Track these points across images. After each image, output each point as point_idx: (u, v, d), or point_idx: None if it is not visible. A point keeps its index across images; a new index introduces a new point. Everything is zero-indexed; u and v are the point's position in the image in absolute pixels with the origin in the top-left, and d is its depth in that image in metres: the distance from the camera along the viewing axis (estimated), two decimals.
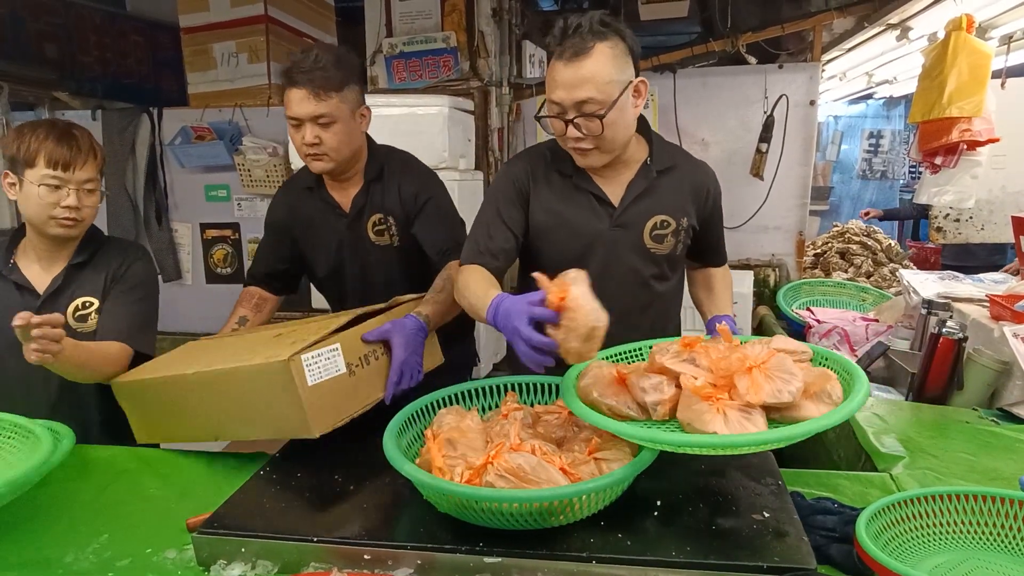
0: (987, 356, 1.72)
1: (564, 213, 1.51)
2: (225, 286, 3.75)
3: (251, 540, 1.04)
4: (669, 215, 1.50)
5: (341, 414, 1.27)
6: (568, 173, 1.51)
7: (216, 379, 1.29)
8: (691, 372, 1.09)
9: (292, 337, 1.33)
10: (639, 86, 1.39)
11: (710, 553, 0.95)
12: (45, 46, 3.53)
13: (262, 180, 3.43)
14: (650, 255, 1.51)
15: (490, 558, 0.97)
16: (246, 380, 1.25)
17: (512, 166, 1.59)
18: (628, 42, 1.36)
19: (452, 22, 3.19)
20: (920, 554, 0.99)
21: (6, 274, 1.59)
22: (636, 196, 1.49)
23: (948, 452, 1.42)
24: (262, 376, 1.22)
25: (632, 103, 1.39)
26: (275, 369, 1.19)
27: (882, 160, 5.53)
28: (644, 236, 1.49)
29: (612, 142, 1.40)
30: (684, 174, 1.54)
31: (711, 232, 1.64)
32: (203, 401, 1.32)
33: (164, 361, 1.51)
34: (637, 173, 1.50)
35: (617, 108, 1.34)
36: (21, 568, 1.07)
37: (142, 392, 1.44)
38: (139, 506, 1.20)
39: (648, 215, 1.49)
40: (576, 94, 1.32)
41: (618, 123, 1.37)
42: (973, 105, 2.41)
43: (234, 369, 1.26)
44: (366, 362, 1.34)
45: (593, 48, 1.31)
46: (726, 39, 3.20)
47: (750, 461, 1.23)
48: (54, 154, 1.49)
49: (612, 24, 1.35)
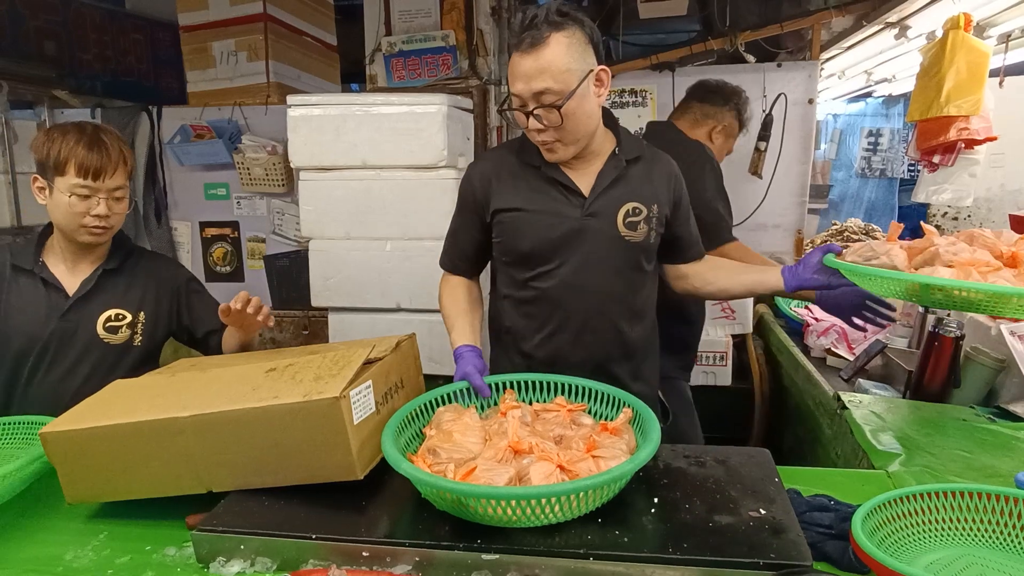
0: (984, 354, 1.73)
1: (535, 205, 1.51)
2: (224, 284, 3.75)
3: (250, 537, 1.05)
4: (640, 202, 1.51)
5: (376, 453, 1.19)
6: (537, 164, 1.51)
7: (225, 421, 1.14)
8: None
9: (296, 373, 1.23)
10: (600, 75, 1.38)
11: (707, 549, 0.96)
12: (44, 44, 3.53)
13: (261, 179, 3.43)
14: (624, 243, 1.51)
15: (488, 555, 0.98)
16: (277, 421, 1.12)
17: (471, 168, 1.60)
18: (587, 31, 1.36)
19: (451, 21, 3.19)
20: (915, 551, 0.99)
21: (37, 271, 1.59)
22: (607, 185, 1.49)
23: (945, 450, 1.43)
24: (302, 415, 1.11)
25: (594, 92, 1.38)
26: (322, 407, 1.09)
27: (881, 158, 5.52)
28: (618, 224, 1.49)
29: (574, 133, 1.40)
30: (651, 164, 1.56)
31: (689, 223, 1.64)
32: (193, 448, 1.15)
33: (103, 406, 1.28)
34: (606, 163, 1.50)
35: (576, 97, 1.34)
36: (21, 565, 1.08)
37: (94, 442, 1.18)
38: (138, 503, 1.20)
39: (620, 203, 1.50)
40: (533, 85, 1.33)
41: (578, 113, 1.37)
42: (971, 104, 2.40)
43: (260, 409, 1.12)
44: (386, 400, 1.28)
45: (549, 38, 1.31)
46: (725, 37, 3.20)
47: (748, 459, 1.23)
48: (85, 162, 1.48)
49: (570, 14, 1.35)
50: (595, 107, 1.41)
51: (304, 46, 3.72)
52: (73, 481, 1.21)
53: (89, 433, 1.18)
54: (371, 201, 2.49)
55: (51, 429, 1.19)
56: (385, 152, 2.46)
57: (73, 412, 1.26)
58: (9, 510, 1.22)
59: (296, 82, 3.60)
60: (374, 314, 2.57)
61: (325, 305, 2.61)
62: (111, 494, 1.22)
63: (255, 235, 3.69)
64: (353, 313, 2.60)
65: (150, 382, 1.40)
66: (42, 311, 1.56)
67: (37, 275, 1.59)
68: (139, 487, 1.20)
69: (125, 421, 1.17)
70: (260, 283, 3.52)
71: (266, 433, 1.13)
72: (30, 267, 1.59)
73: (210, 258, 3.75)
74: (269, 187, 3.45)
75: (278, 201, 3.57)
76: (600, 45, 1.40)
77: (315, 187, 2.54)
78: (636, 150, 1.54)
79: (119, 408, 1.24)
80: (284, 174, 3.38)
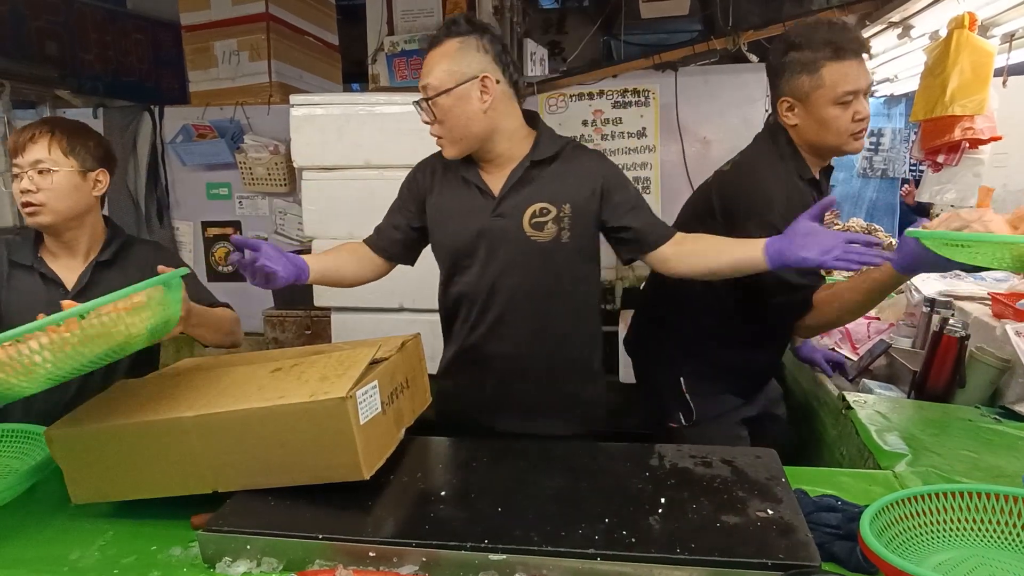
0: (989, 354, 1.73)
1: (453, 206, 1.59)
2: (226, 284, 3.75)
3: (256, 537, 1.04)
4: (548, 202, 1.53)
5: (382, 453, 1.20)
6: (458, 167, 1.58)
7: (231, 421, 1.14)
8: None
9: (301, 373, 1.23)
10: (485, 82, 1.44)
11: (715, 550, 0.95)
12: (46, 44, 3.53)
13: (263, 178, 3.43)
14: (531, 243, 1.53)
15: (495, 555, 0.97)
16: (283, 421, 1.12)
17: (422, 162, 1.68)
18: (486, 41, 1.46)
19: None
20: (924, 551, 0.99)
21: (36, 266, 1.59)
22: (513, 185, 1.53)
23: (951, 450, 1.43)
24: (308, 415, 1.10)
25: (477, 97, 1.45)
26: (328, 407, 1.09)
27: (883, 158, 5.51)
28: (524, 224, 1.52)
29: (452, 131, 1.48)
30: (569, 164, 1.56)
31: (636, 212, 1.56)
32: (199, 447, 1.15)
33: (108, 405, 1.28)
34: (518, 165, 1.55)
35: (451, 96, 1.43)
36: (27, 565, 1.07)
37: (99, 442, 1.19)
38: (143, 503, 1.20)
39: (527, 203, 1.53)
40: (422, 79, 1.48)
41: (455, 111, 1.45)
42: (975, 103, 2.40)
43: (266, 409, 1.12)
44: (391, 401, 1.28)
45: (443, 40, 1.45)
46: (727, 37, 3.20)
47: (754, 459, 1.23)
48: (12, 143, 1.50)
49: (475, 23, 1.48)
50: (477, 111, 1.46)
51: (306, 46, 3.72)
52: (78, 481, 1.20)
53: (94, 433, 1.18)
54: (374, 201, 2.46)
55: (56, 429, 1.19)
56: (388, 152, 2.46)
57: (78, 412, 1.25)
58: (14, 510, 1.22)
59: (298, 82, 3.60)
60: (377, 314, 2.57)
61: (328, 305, 2.61)
62: (116, 494, 1.21)
63: (257, 235, 3.68)
64: (356, 313, 2.60)
65: (155, 382, 1.40)
66: (41, 306, 1.55)
67: (36, 270, 1.59)
68: (144, 487, 1.19)
69: (130, 421, 1.17)
70: None
71: (272, 433, 1.13)
72: (29, 263, 1.59)
73: (212, 258, 3.76)
74: (271, 187, 3.45)
75: (280, 201, 3.57)
76: (503, 56, 1.48)
77: (318, 187, 2.54)
78: (550, 151, 1.55)
79: (124, 408, 1.24)
80: (286, 174, 3.38)
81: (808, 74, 1.57)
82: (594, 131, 3.49)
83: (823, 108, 1.57)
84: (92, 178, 1.60)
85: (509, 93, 1.51)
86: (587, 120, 3.49)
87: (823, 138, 1.61)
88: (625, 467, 1.23)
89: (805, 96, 1.59)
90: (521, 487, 1.17)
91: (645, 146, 3.45)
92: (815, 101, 1.57)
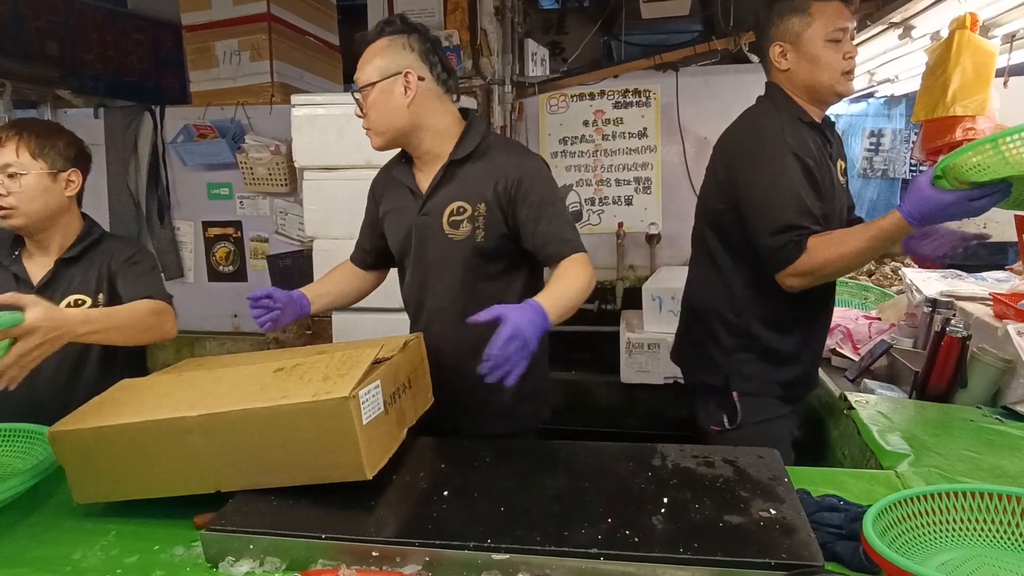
0: (991, 354, 1.73)
1: (393, 208, 1.66)
2: (227, 284, 3.76)
3: (259, 537, 1.04)
4: (465, 201, 1.54)
5: (385, 453, 1.20)
6: (399, 170, 1.65)
7: (233, 421, 1.13)
8: None
9: (304, 373, 1.23)
10: (408, 77, 1.49)
11: (718, 549, 0.95)
12: (47, 44, 3.53)
13: (264, 178, 3.43)
14: (450, 242, 1.55)
15: (498, 555, 0.97)
16: (285, 420, 1.11)
17: (381, 169, 1.76)
18: (415, 41, 1.52)
19: (455, 20, 3.19)
20: (927, 551, 0.99)
21: (9, 265, 1.63)
22: (437, 184, 1.56)
23: (953, 450, 1.43)
24: (310, 415, 1.10)
25: (399, 92, 1.50)
26: (331, 407, 1.09)
27: (883, 159, 5.51)
28: (443, 223, 1.55)
29: (377, 123, 1.53)
30: (488, 163, 1.55)
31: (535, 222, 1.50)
32: (201, 447, 1.15)
33: (111, 405, 1.28)
34: (443, 163, 1.58)
35: (377, 89, 1.50)
36: (30, 564, 1.07)
37: (102, 441, 1.18)
38: (145, 503, 1.20)
39: (446, 202, 1.55)
40: (356, 74, 1.55)
41: (379, 104, 1.51)
42: (977, 104, 2.40)
43: (269, 409, 1.11)
44: (394, 400, 1.27)
45: (376, 39, 1.52)
46: (728, 38, 3.20)
47: (757, 460, 1.23)
48: None
49: (408, 23, 1.54)
50: (400, 105, 1.51)
51: (307, 46, 3.72)
52: (81, 480, 1.20)
53: (97, 432, 1.18)
54: None
55: (59, 428, 1.19)
56: (389, 152, 2.45)
57: (81, 411, 1.25)
58: (17, 509, 1.22)
59: (299, 82, 3.60)
60: (378, 314, 2.57)
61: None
62: (119, 494, 1.21)
63: (258, 235, 3.69)
64: (357, 313, 2.60)
65: (157, 381, 1.40)
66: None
67: (8, 269, 1.62)
68: (147, 487, 1.19)
69: (133, 420, 1.17)
70: (263, 283, 3.52)
71: (275, 433, 1.12)
72: (6, 262, 1.63)
73: (213, 258, 3.76)
74: (272, 187, 3.45)
75: (281, 201, 3.57)
76: (429, 55, 1.53)
77: (319, 187, 2.54)
78: (467, 149, 1.56)
79: (127, 407, 1.24)
80: (287, 174, 3.38)
81: (798, 15, 1.61)
82: (595, 131, 3.50)
83: (814, 46, 1.60)
84: (64, 179, 1.61)
85: (436, 91, 1.55)
86: (588, 120, 3.50)
87: (816, 77, 1.62)
88: (628, 467, 1.22)
89: (796, 37, 1.62)
90: (524, 487, 1.18)
91: (646, 146, 3.46)
92: (807, 41, 1.61)
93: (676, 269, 3.33)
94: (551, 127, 3.53)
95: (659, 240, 3.50)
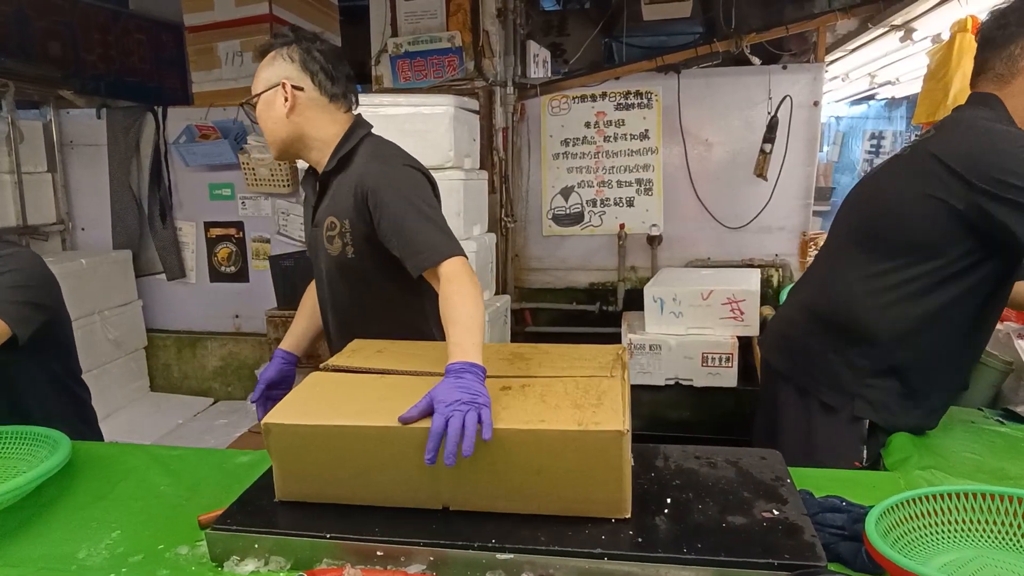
0: (993, 357, 1.73)
1: (304, 218, 1.68)
2: (229, 284, 3.76)
3: (264, 536, 1.05)
4: (335, 216, 1.53)
5: (630, 487, 1.07)
6: (306, 179, 1.66)
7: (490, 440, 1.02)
8: None
9: (542, 395, 1.14)
10: (286, 88, 1.49)
11: (721, 550, 0.96)
12: (50, 44, 3.54)
13: (266, 179, 3.44)
14: (331, 258, 1.56)
15: (503, 554, 0.98)
16: (546, 447, 1.03)
17: None
18: (294, 52, 1.51)
19: (457, 22, 3.20)
20: (929, 552, 0.99)
21: None
22: (318, 198, 1.59)
23: (955, 452, 1.43)
24: (576, 444, 1.02)
25: (281, 103, 1.50)
26: (603, 440, 1.01)
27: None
28: (323, 237, 1.56)
29: (266, 134, 1.55)
30: (351, 174, 1.51)
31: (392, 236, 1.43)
32: (441, 463, 1.02)
33: (325, 402, 1.17)
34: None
35: (261, 101, 1.52)
36: (35, 563, 1.08)
37: (322, 440, 1.08)
38: (150, 502, 1.21)
39: (324, 217, 1.56)
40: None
41: (263, 115, 1.53)
42: None
43: (530, 432, 1.03)
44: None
45: (267, 51, 1.54)
46: (730, 40, 3.21)
47: (759, 460, 1.23)
48: None
49: (300, 37, 1.53)
50: (280, 116, 1.50)
51: None
52: (289, 477, 1.12)
53: (318, 431, 1.08)
54: None
55: (276, 420, 1.09)
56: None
57: (294, 405, 1.15)
58: (22, 509, 1.22)
59: None
60: None
61: None
62: (330, 496, 1.11)
63: (260, 235, 3.70)
64: None
65: (358, 381, 1.26)
66: None
67: None
68: (366, 494, 1.10)
69: (365, 424, 1.07)
70: (265, 283, 3.53)
71: (532, 458, 1.04)
72: None
73: (215, 258, 3.76)
74: (274, 187, 3.46)
75: (283, 201, 3.58)
76: (309, 65, 1.51)
77: None
78: (334, 161, 1.53)
79: (346, 407, 1.13)
80: (289, 175, 3.39)
81: None
82: (596, 133, 3.51)
83: None
84: None
85: (319, 101, 1.51)
86: (590, 122, 3.51)
87: None
88: (630, 467, 1.22)
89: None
90: None
91: (647, 148, 3.46)
92: None
93: (677, 270, 3.33)
94: (553, 128, 3.54)
95: (660, 241, 3.50)
